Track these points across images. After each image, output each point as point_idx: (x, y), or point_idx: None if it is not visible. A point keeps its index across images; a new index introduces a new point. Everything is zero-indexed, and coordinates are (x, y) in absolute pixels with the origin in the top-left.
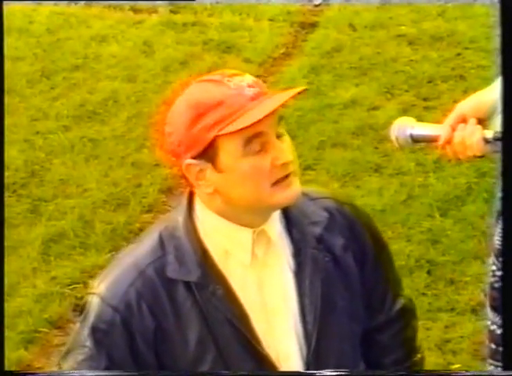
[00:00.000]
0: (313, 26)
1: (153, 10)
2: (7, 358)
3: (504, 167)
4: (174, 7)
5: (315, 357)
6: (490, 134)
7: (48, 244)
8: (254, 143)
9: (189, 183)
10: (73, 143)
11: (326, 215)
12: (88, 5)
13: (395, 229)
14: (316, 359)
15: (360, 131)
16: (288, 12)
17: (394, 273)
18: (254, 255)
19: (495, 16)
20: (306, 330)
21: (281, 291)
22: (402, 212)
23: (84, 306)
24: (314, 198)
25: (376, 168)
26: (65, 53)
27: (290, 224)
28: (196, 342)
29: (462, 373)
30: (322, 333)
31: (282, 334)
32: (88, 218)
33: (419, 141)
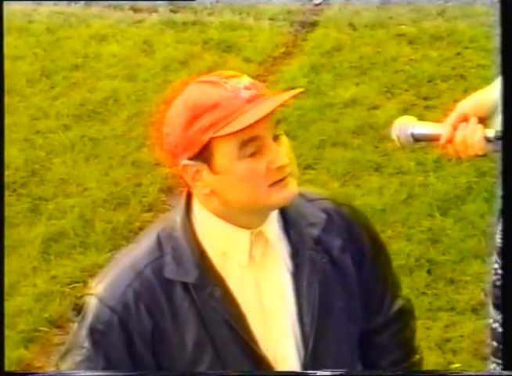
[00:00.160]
0: (313, 25)
1: (153, 9)
2: (7, 357)
3: (504, 166)
4: (174, 6)
5: (312, 359)
6: (491, 133)
7: (49, 243)
8: (250, 147)
9: (186, 184)
10: (73, 142)
11: (323, 216)
12: (87, 4)
13: (395, 228)
14: (314, 361)
15: (360, 131)
16: (288, 12)
17: (393, 274)
18: (251, 257)
19: (495, 15)
20: (303, 331)
21: (279, 293)
22: (402, 211)
23: (82, 307)
24: (312, 199)
25: (377, 167)
26: (65, 52)
27: (288, 225)
28: (193, 343)
29: (461, 373)
30: (320, 334)
31: (279, 335)
32: (89, 217)
33: (420, 140)
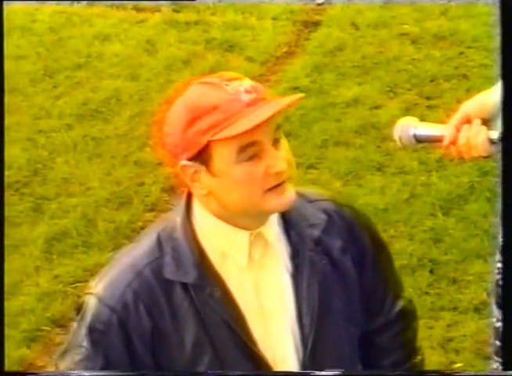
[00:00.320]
0: (316, 25)
1: (156, 9)
2: (10, 356)
3: (504, 166)
4: (176, 6)
5: (311, 360)
6: (495, 134)
7: (51, 243)
8: (249, 151)
9: (185, 184)
10: (75, 142)
11: (324, 217)
12: (90, 3)
13: (398, 228)
14: (313, 362)
15: (363, 130)
16: (291, 11)
17: (394, 275)
18: (250, 257)
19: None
20: (303, 332)
21: (278, 294)
22: (405, 211)
23: (81, 306)
24: (312, 200)
25: (379, 166)
26: (68, 52)
27: (288, 226)
28: (192, 344)
29: (463, 372)
30: (319, 335)
31: (278, 336)
32: (91, 216)
33: (422, 141)
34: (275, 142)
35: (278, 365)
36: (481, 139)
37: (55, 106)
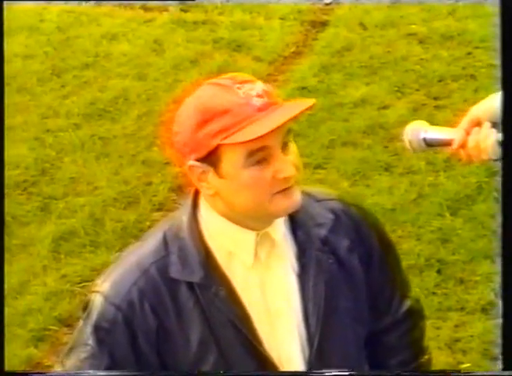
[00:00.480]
0: (323, 25)
1: (164, 9)
2: (17, 356)
3: (504, 166)
4: (184, 5)
5: (317, 359)
6: None
7: (59, 242)
8: (257, 156)
9: (192, 183)
10: (83, 141)
11: (331, 216)
12: (98, 3)
13: (405, 228)
14: (318, 361)
15: (370, 130)
16: (299, 11)
17: (402, 275)
18: (256, 257)
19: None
20: (309, 332)
21: (284, 293)
22: (412, 211)
23: (87, 304)
24: (320, 200)
25: (387, 166)
26: (75, 51)
27: (295, 226)
28: (198, 343)
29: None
30: (325, 335)
31: (284, 336)
32: (99, 216)
33: (432, 145)
34: (284, 146)
35: (284, 364)
36: (491, 142)
37: (63, 106)
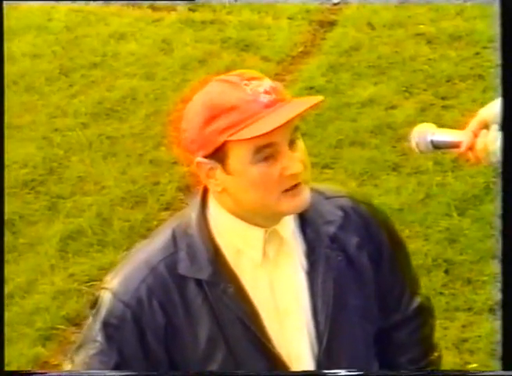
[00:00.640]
0: (332, 24)
1: (172, 8)
2: (24, 355)
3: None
4: (192, 5)
5: (326, 357)
6: None
7: (66, 241)
8: (265, 152)
9: (200, 180)
10: (91, 141)
11: (340, 214)
12: (106, 2)
13: (413, 228)
14: (328, 359)
15: (378, 130)
16: (307, 11)
17: (412, 272)
18: (265, 254)
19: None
20: (318, 329)
21: (293, 291)
22: (420, 211)
23: (96, 301)
24: (329, 197)
25: (394, 166)
26: (83, 51)
27: (305, 223)
28: (206, 340)
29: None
30: (334, 332)
31: (293, 333)
32: (106, 215)
33: (440, 147)
34: (292, 143)
35: (293, 362)
36: (499, 144)
37: (71, 105)
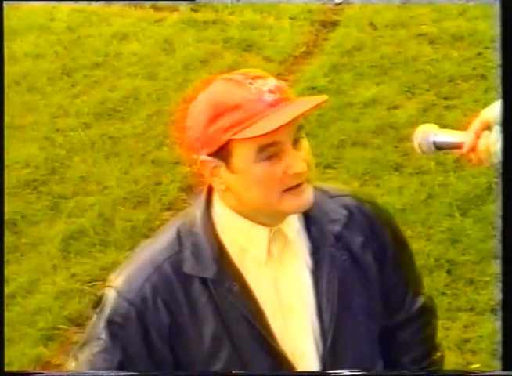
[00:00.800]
0: (334, 24)
1: (174, 8)
2: (27, 355)
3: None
4: (194, 5)
5: (331, 355)
6: None
7: (68, 241)
8: (268, 151)
9: (204, 178)
10: (93, 141)
11: (345, 212)
12: (108, 2)
13: (415, 228)
14: (332, 357)
15: (380, 130)
16: (309, 11)
17: (415, 271)
18: (270, 253)
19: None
20: (322, 328)
21: (297, 289)
22: (422, 211)
23: (100, 299)
24: (333, 196)
25: (397, 167)
26: (86, 51)
27: (309, 222)
28: (211, 338)
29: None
30: (339, 331)
31: (298, 331)
32: (108, 215)
33: (442, 148)
34: (296, 142)
35: (297, 360)
36: (501, 145)
37: (73, 105)
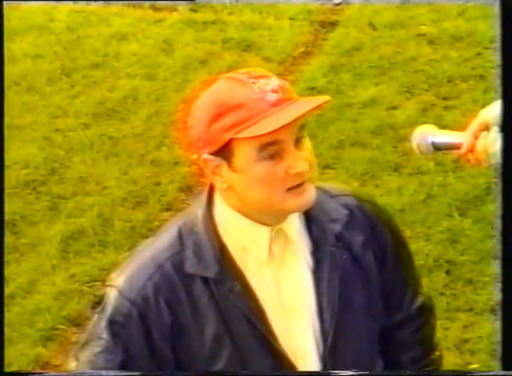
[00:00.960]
0: (333, 25)
1: (173, 8)
2: (26, 355)
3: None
4: (194, 5)
5: (331, 355)
6: None
7: (68, 242)
8: (270, 150)
9: (206, 177)
10: (92, 141)
11: (346, 212)
12: (107, 3)
13: (414, 228)
14: (333, 357)
15: (379, 131)
16: (308, 11)
17: (414, 271)
18: (271, 253)
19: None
20: (323, 327)
21: (298, 289)
22: (421, 212)
23: (101, 298)
24: (334, 195)
25: (396, 167)
26: (85, 51)
27: (310, 221)
28: (212, 338)
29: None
30: (339, 330)
31: (299, 331)
32: (108, 215)
33: (440, 149)
34: (298, 142)
35: (298, 360)
36: (499, 146)
37: (72, 105)
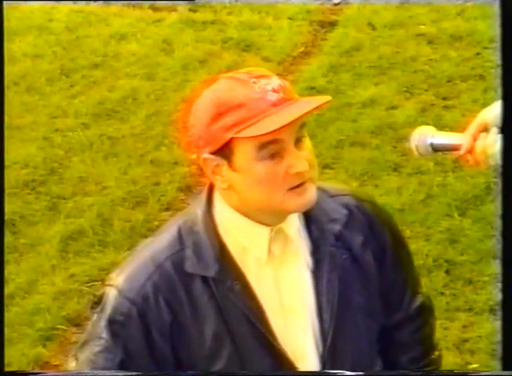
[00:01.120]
0: (332, 25)
1: (173, 8)
2: (25, 355)
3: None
4: (193, 5)
5: (331, 354)
6: None
7: (67, 242)
8: (270, 149)
9: (207, 176)
10: (92, 141)
11: (345, 212)
12: (107, 3)
13: (414, 228)
14: (332, 357)
15: (379, 131)
16: (307, 11)
17: (414, 271)
18: (270, 253)
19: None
20: (322, 327)
21: (298, 289)
22: (421, 212)
23: (101, 298)
24: (333, 195)
25: (395, 167)
26: (84, 51)
27: (309, 221)
28: (212, 337)
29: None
30: (339, 330)
31: (298, 331)
32: (107, 215)
33: (439, 150)
34: (298, 141)
35: (298, 359)
36: (498, 147)
37: (72, 106)
